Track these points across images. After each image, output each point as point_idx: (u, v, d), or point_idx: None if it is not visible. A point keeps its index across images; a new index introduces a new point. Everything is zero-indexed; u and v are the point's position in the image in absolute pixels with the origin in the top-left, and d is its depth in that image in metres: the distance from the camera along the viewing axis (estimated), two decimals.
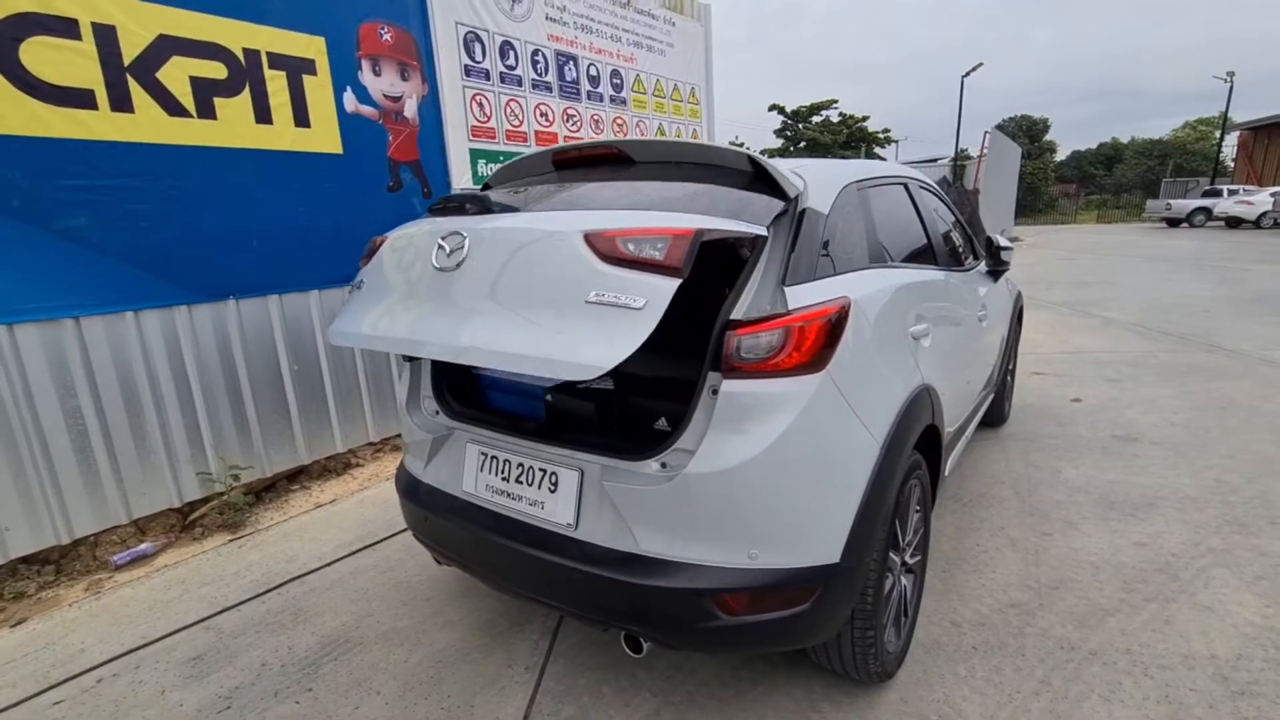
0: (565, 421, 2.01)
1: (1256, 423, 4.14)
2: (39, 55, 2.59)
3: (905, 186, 2.68)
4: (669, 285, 1.44)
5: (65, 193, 2.70)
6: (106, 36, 2.77)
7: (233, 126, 3.21)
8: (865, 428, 1.70)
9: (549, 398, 2.08)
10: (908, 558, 2.10)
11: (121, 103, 2.83)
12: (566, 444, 1.82)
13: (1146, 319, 7.58)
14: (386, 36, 3.83)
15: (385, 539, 3.12)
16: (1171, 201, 26.60)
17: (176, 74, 2.99)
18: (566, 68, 5.04)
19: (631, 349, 1.42)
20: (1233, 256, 14.15)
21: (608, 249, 1.52)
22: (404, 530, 3.18)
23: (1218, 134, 38.73)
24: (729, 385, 1.57)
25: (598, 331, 1.46)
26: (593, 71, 5.30)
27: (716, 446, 1.57)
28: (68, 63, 2.67)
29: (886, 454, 1.74)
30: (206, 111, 3.11)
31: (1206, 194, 25.50)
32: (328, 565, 2.91)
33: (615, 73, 5.56)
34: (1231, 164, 34.96)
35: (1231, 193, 24.04)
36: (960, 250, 3.16)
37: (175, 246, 3.06)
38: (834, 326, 1.63)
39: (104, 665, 2.30)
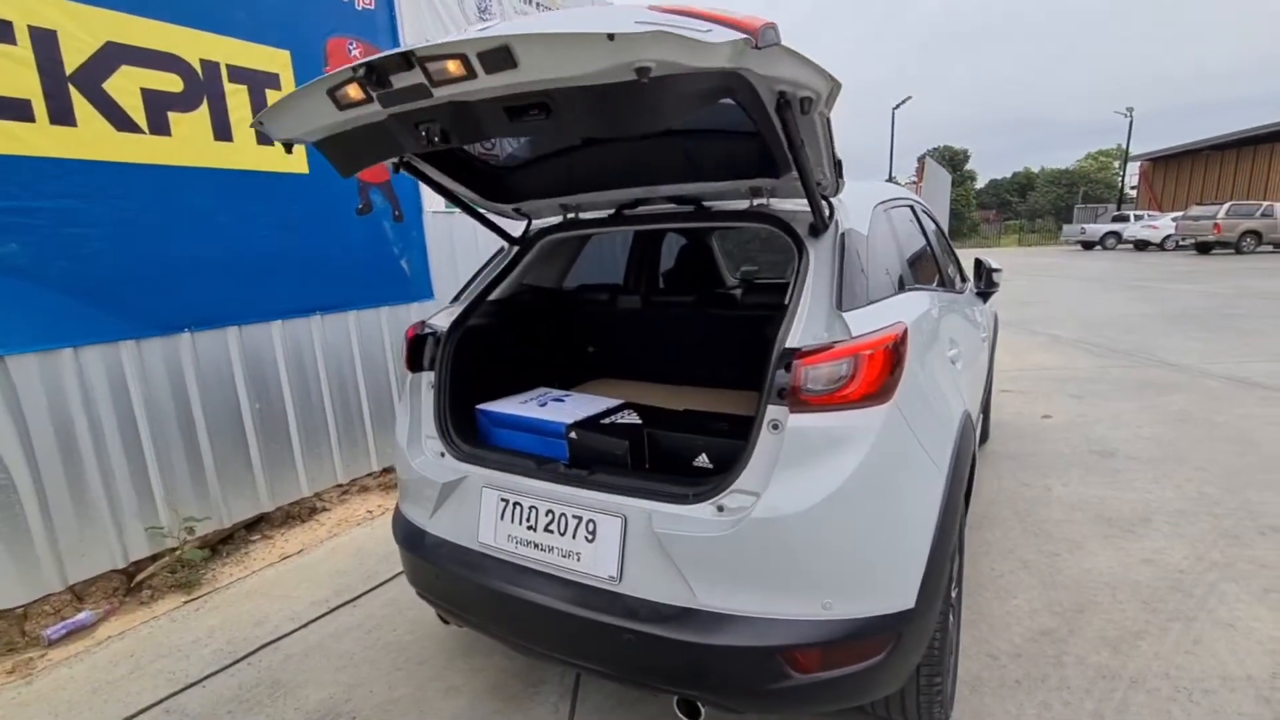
0: (593, 461, 1.84)
1: (1216, 434, 4.32)
2: None
3: (912, 209, 2.67)
4: None
5: None
6: (46, 42, 2.47)
7: (189, 143, 2.93)
8: (931, 459, 1.60)
9: (572, 435, 1.91)
10: (952, 590, 2.02)
11: (62, 115, 2.52)
12: (607, 488, 1.65)
13: (1088, 336, 7.96)
14: (355, 52, 3.62)
15: (366, 593, 2.84)
16: (1086, 226, 28.56)
17: (126, 85, 2.71)
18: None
19: None
20: (1147, 276, 15.20)
21: None
22: (386, 582, 2.90)
23: (1117, 164, 42.07)
24: (797, 420, 1.44)
25: None
26: None
27: (787, 487, 1.44)
28: (0, 70, 2.36)
29: (950, 486, 1.65)
30: (159, 127, 2.82)
31: (1116, 219, 27.51)
32: (303, 627, 2.61)
33: None
34: (1133, 191, 37.96)
35: (1138, 218, 26.02)
36: (956, 271, 3.18)
37: (122, 274, 2.74)
38: (897, 353, 1.54)
39: None
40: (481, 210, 2.25)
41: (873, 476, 1.45)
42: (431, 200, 4.12)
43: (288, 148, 1.73)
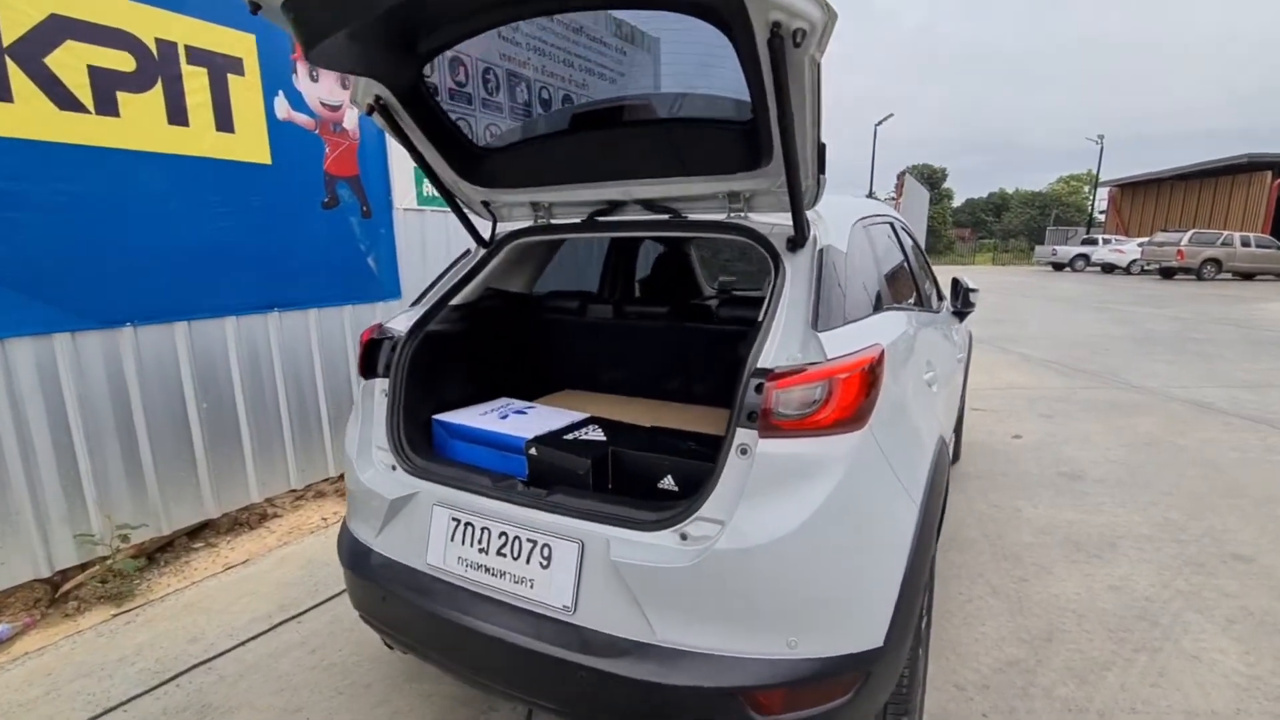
0: (553, 479, 1.74)
1: (1181, 458, 4.36)
2: None
3: (891, 225, 2.62)
4: None
5: None
6: None
7: (139, 126, 2.76)
8: (905, 489, 1.53)
9: (532, 451, 1.81)
10: (921, 624, 1.95)
11: None
12: (564, 510, 1.55)
13: (1059, 356, 8.07)
14: None
15: (311, 608, 2.69)
16: (1058, 248, 29.22)
17: (70, 61, 2.54)
18: (518, 89, 4.81)
19: None
20: (1114, 299, 15.55)
21: None
22: (334, 597, 2.75)
23: (1087, 189, 43.22)
24: (767, 445, 1.36)
25: None
26: (544, 95, 5.10)
27: (754, 517, 1.35)
28: None
29: (924, 516, 1.58)
30: (107, 107, 2.66)
31: (1085, 242, 28.19)
32: (241, 645, 2.45)
33: (567, 98, 5.37)
34: (1102, 216, 39.01)
35: (1106, 242, 26.69)
36: (932, 289, 3.14)
37: (58, 262, 2.56)
38: (873, 376, 1.46)
39: None
40: (448, 187, 2.12)
41: (844, 507, 1.37)
42: (403, 196, 3.98)
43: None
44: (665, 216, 1.97)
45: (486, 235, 2.24)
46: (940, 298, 3.44)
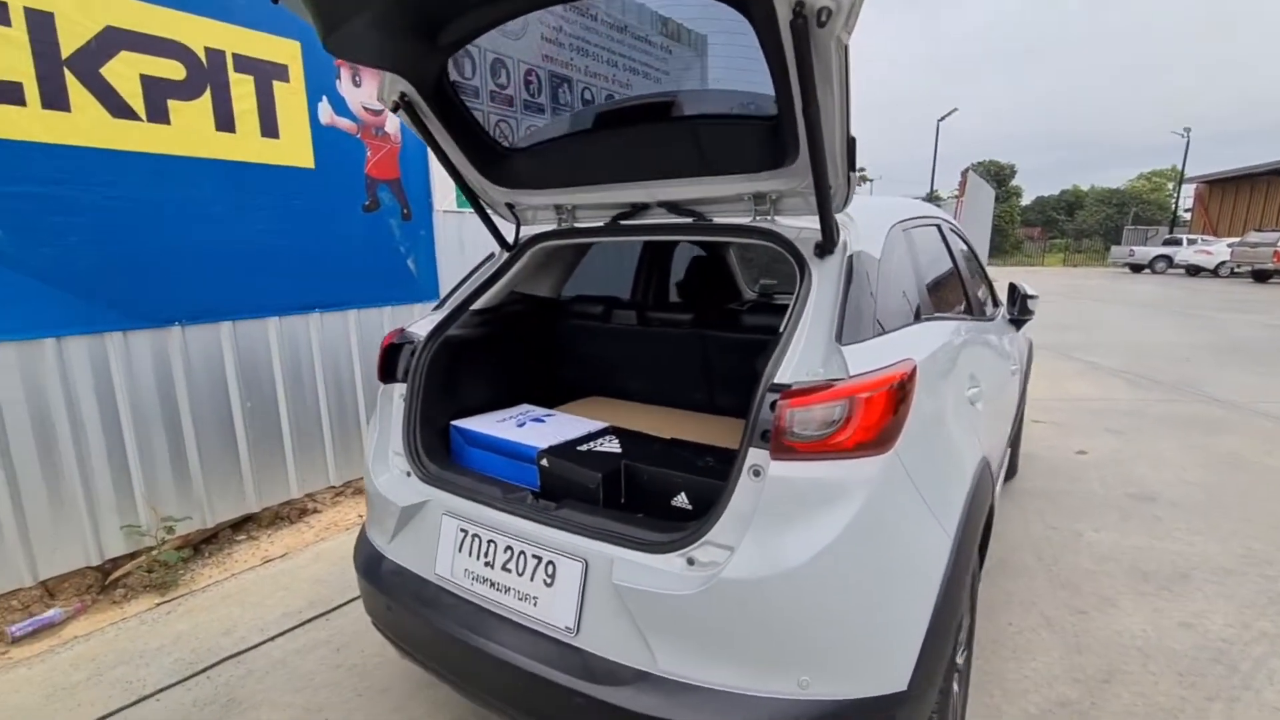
0: (564, 492, 1.68)
1: (1269, 481, 3.98)
2: None
3: (939, 228, 2.45)
4: None
5: None
6: (42, 24, 2.41)
7: (188, 133, 2.86)
8: (936, 519, 1.40)
9: (544, 462, 1.75)
10: (958, 658, 1.80)
11: (56, 99, 2.46)
12: (566, 526, 1.49)
13: (1132, 365, 7.54)
14: None
15: (339, 606, 2.72)
16: (1135, 248, 27.48)
17: (125, 71, 2.64)
18: (561, 90, 4.80)
19: None
20: (1199, 304, 14.47)
21: None
22: (359, 598, 2.77)
23: (1171, 186, 40.46)
24: (779, 468, 1.26)
25: None
26: (587, 95, 5.07)
27: (764, 544, 1.26)
28: None
29: (958, 549, 1.44)
30: (158, 115, 2.76)
31: (1167, 242, 26.40)
32: (270, 640, 2.50)
33: (610, 98, 5.33)
34: (1187, 215, 36.46)
35: (1191, 242, 24.92)
36: (987, 296, 2.94)
37: (111, 264, 2.67)
38: (901, 395, 1.34)
39: None
40: (472, 187, 2.10)
41: (864, 538, 1.26)
42: (442, 199, 4.02)
43: None
44: (689, 220, 1.88)
45: (510, 238, 2.21)
46: (996, 304, 3.23)
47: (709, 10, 1.44)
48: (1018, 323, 3.20)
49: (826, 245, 1.56)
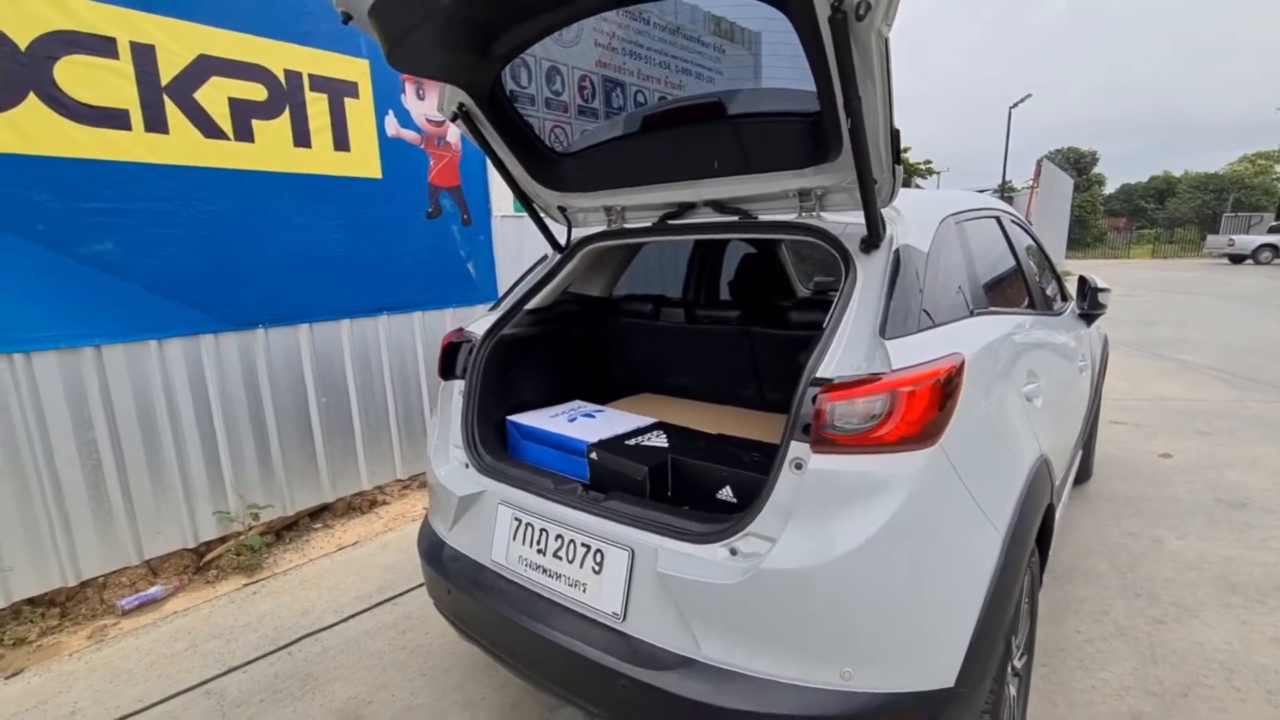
0: (612, 484, 1.74)
1: None
2: (73, 74, 2.49)
3: (998, 220, 2.38)
4: None
5: (92, 216, 2.58)
6: (145, 56, 2.67)
7: (270, 150, 3.09)
8: (985, 516, 1.38)
9: (593, 455, 1.82)
10: (1016, 661, 1.75)
11: (156, 124, 2.72)
12: (613, 517, 1.54)
13: (1228, 364, 6.99)
14: None
15: (406, 591, 2.87)
16: (1235, 237, 25.38)
17: (215, 95, 2.88)
18: (614, 94, 4.88)
19: None
20: None
21: None
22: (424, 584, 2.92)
23: None
24: (820, 461, 1.28)
25: None
26: (640, 98, 5.14)
27: (803, 536, 1.27)
28: (103, 82, 2.57)
29: (1010, 548, 1.41)
30: (244, 134, 2.99)
31: (1273, 230, 24.27)
32: (344, 621, 2.67)
33: (663, 99, 5.38)
34: None
35: None
36: (1056, 290, 2.83)
37: (204, 272, 2.92)
38: (946, 390, 1.33)
39: None
40: (525, 192, 2.19)
41: (906, 533, 1.26)
42: (500, 204, 4.17)
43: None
44: (735, 218, 1.91)
45: (562, 240, 2.29)
46: (1064, 299, 3.09)
47: (748, 9, 1.47)
48: (1088, 317, 3.05)
49: (872, 239, 1.56)
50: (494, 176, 4.10)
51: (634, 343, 2.66)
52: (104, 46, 2.56)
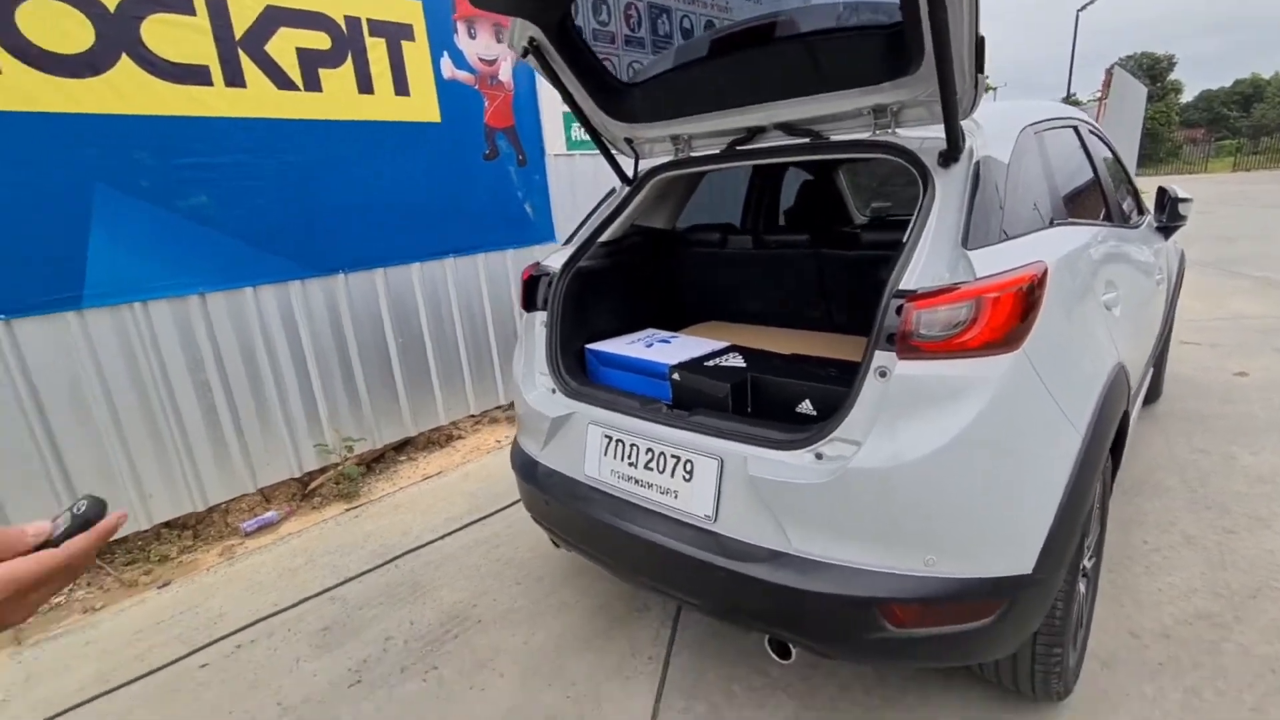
0: (694, 403, 1.85)
1: None
2: (158, 33, 2.61)
3: (1075, 130, 2.31)
4: None
5: (186, 171, 2.75)
6: (218, 10, 2.76)
7: (337, 98, 3.18)
8: (1066, 417, 1.44)
9: (675, 377, 1.92)
10: (1085, 562, 1.83)
11: (234, 78, 2.83)
12: (702, 430, 1.65)
13: None
14: None
15: (492, 514, 3.11)
16: None
17: (284, 46, 2.97)
18: (660, 21, 4.76)
19: None
20: None
21: None
22: (509, 506, 3.15)
23: None
24: (905, 367, 1.35)
25: None
26: (686, 24, 5.00)
27: (889, 438, 1.36)
28: (184, 39, 2.68)
29: (1089, 446, 1.47)
30: (312, 83, 3.09)
31: None
32: (440, 539, 2.92)
33: (709, 24, 5.22)
34: None
35: None
36: (1132, 203, 2.74)
37: (287, 221, 3.09)
38: (1029, 297, 1.37)
39: (241, 631, 2.39)
40: (594, 125, 2.24)
41: (990, 433, 1.33)
42: (553, 142, 4.19)
43: None
44: (805, 140, 1.92)
45: (630, 173, 2.34)
46: (1141, 211, 2.99)
47: None
48: (1166, 230, 2.95)
49: (951, 153, 1.57)
50: (546, 114, 4.11)
51: (702, 271, 2.73)
52: (182, 3, 2.66)
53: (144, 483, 2.82)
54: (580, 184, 4.44)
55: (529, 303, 2.22)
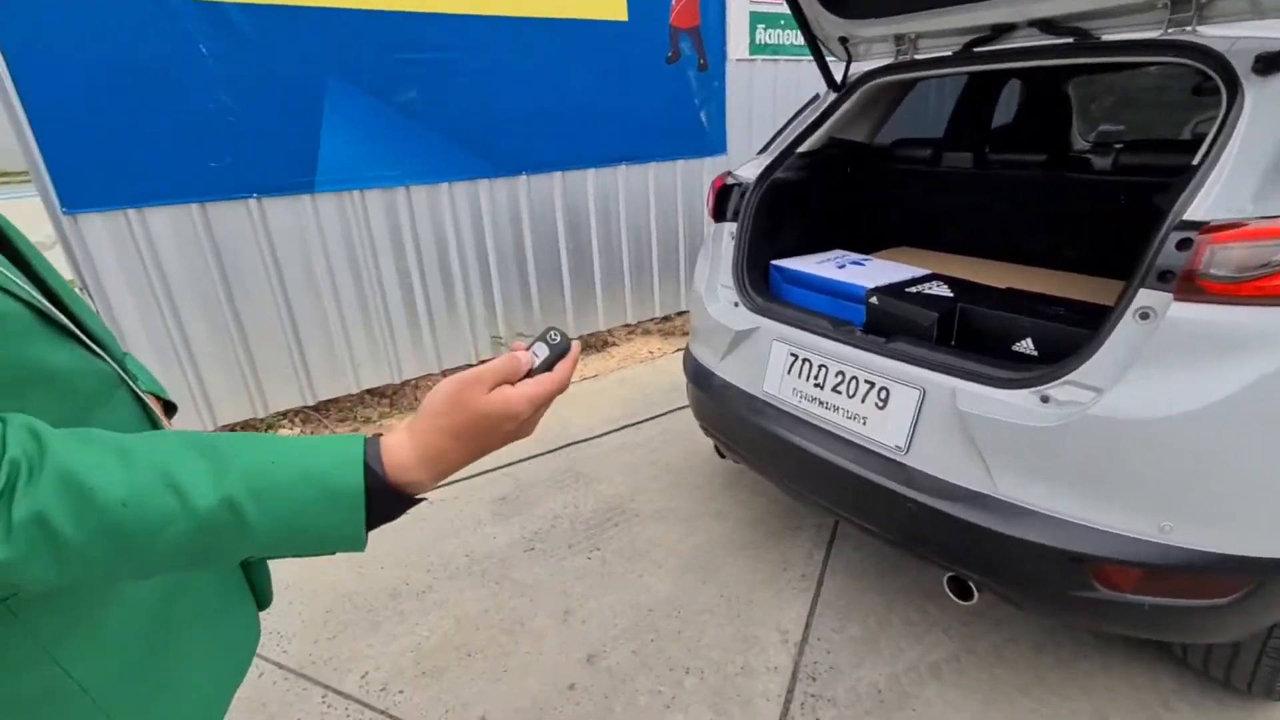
0: (892, 329, 1.76)
1: None
2: None
3: None
4: None
5: (402, 66, 2.92)
6: None
7: None
8: None
9: (873, 300, 1.83)
10: None
11: None
12: (907, 358, 1.57)
13: None
14: None
15: (646, 420, 3.23)
16: None
17: None
18: None
19: None
20: None
21: None
22: (662, 415, 3.26)
23: None
24: (1182, 310, 1.18)
25: None
26: None
27: (1144, 388, 1.21)
28: None
29: None
30: None
31: None
32: (598, 437, 3.10)
33: None
34: None
35: None
36: None
37: (481, 120, 3.22)
38: None
39: (432, 491, 2.71)
40: (809, 21, 2.08)
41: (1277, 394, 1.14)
42: (736, 46, 3.97)
43: None
44: (1068, 40, 1.65)
45: (839, 78, 2.16)
46: None
47: None
48: None
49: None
50: (733, 15, 3.88)
51: (905, 191, 2.53)
52: None
53: (355, 352, 3.22)
54: (758, 93, 4.21)
55: (719, 212, 2.18)
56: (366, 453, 0.52)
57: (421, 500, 0.56)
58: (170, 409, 0.84)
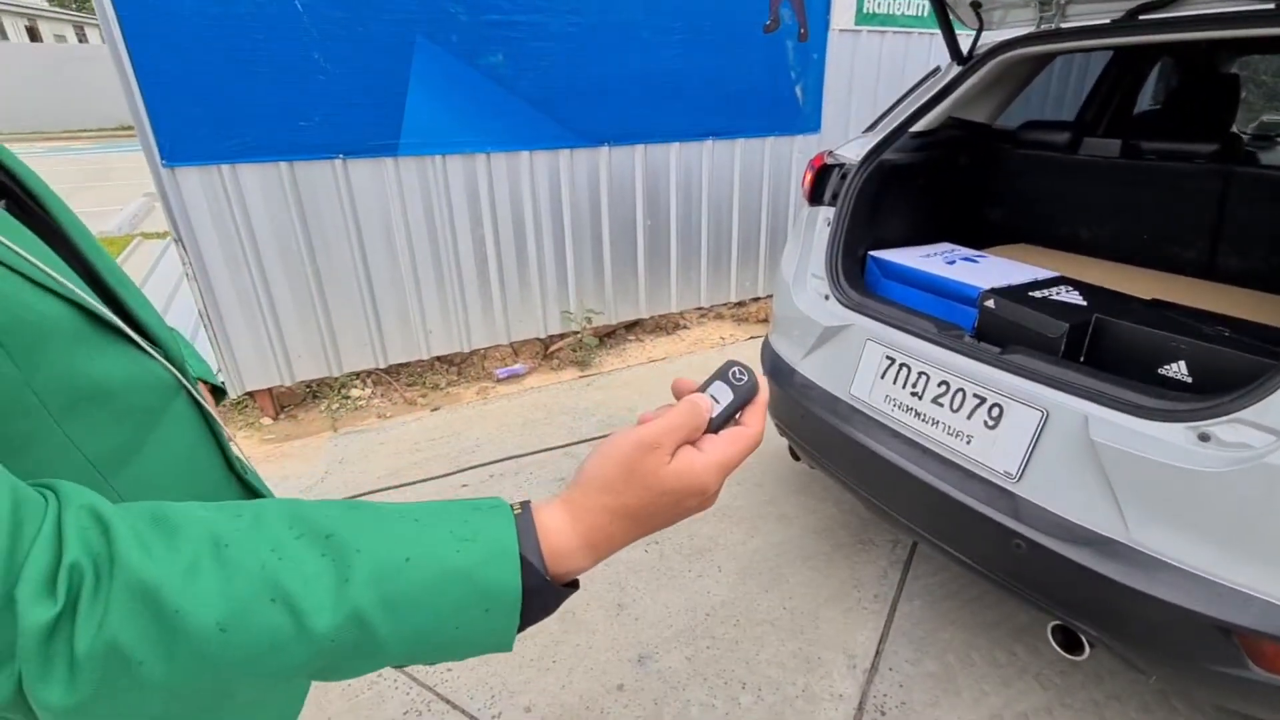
0: (1008, 338, 1.54)
1: None
2: None
3: None
4: None
5: (489, 29, 2.83)
6: None
7: None
8: None
9: (989, 304, 1.62)
10: None
11: None
12: (1029, 374, 1.37)
13: None
14: None
15: None
16: None
17: None
18: None
19: None
20: None
21: None
22: None
23: None
24: None
25: None
26: None
27: None
28: None
29: None
30: None
31: None
32: None
33: None
34: None
35: None
36: None
37: (566, 88, 3.11)
38: None
39: (494, 464, 2.69)
40: None
41: None
42: (841, 14, 3.68)
43: None
44: (1268, 5, 1.37)
45: (966, 50, 1.92)
46: None
47: None
48: None
49: None
50: None
51: (1030, 180, 2.25)
52: None
53: (427, 318, 3.22)
54: (860, 68, 3.91)
55: (815, 195, 1.99)
56: (521, 542, 0.41)
57: (575, 589, 0.45)
58: (219, 394, 0.78)
